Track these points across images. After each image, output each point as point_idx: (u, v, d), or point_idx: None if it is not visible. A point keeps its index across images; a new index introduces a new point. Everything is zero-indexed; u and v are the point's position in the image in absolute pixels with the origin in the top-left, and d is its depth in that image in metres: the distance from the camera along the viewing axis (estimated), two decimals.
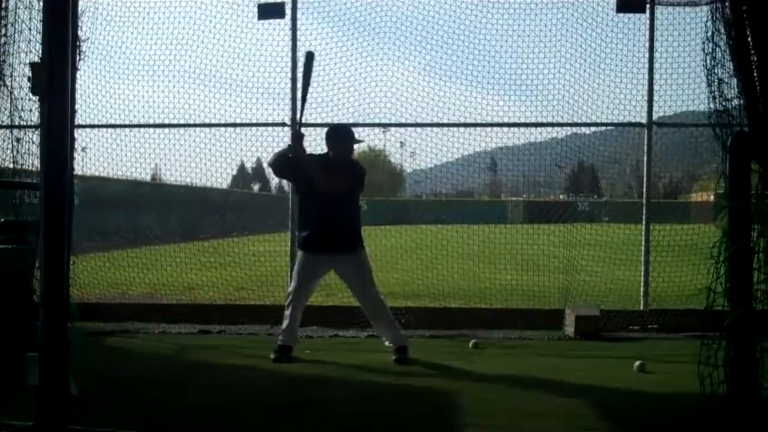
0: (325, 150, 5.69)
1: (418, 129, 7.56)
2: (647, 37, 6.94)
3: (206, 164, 7.76)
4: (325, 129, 5.83)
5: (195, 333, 6.77)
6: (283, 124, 7.24)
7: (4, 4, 4.96)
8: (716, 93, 3.46)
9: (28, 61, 5.35)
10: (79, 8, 6.29)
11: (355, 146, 5.81)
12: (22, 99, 5.04)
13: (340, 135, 5.67)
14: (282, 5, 7.11)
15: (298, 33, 7.21)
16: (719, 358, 2.86)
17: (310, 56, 5.57)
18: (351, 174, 5.57)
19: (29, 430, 2.83)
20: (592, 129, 7.85)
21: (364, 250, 5.62)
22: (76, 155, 6.74)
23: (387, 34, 7.43)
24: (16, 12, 5.04)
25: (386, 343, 5.60)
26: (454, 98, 7.48)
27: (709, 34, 3.47)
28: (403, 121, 7.50)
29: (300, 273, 5.62)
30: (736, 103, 3.40)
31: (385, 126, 7.87)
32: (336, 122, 6.08)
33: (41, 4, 3.17)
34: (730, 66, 3.37)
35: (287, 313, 5.59)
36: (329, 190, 5.40)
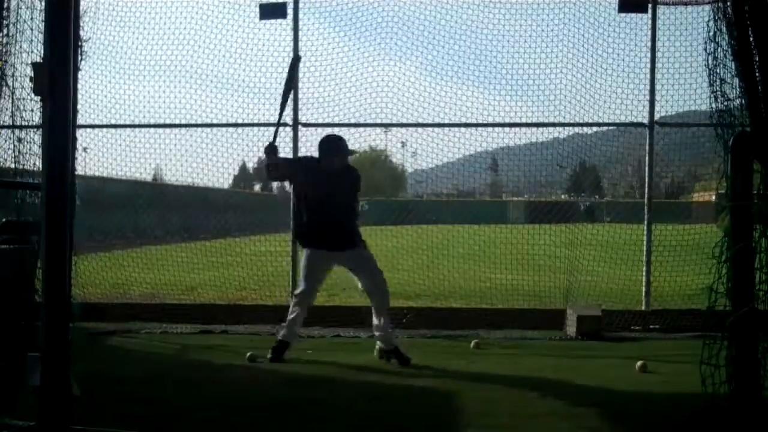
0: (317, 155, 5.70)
1: (420, 129, 7.58)
2: (649, 36, 6.94)
3: (207, 164, 7.78)
4: (321, 135, 5.85)
5: (197, 333, 6.78)
6: (285, 124, 7.23)
7: (5, 4, 4.96)
8: (718, 93, 3.45)
9: (29, 61, 5.35)
10: (81, 8, 6.32)
11: (349, 157, 5.79)
12: (23, 99, 5.04)
13: (332, 148, 5.65)
14: (284, 5, 7.11)
15: (300, 33, 7.22)
16: (721, 358, 2.85)
17: (296, 60, 5.60)
18: (343, 180, 5.58)
19: (31, 430, 2.83)
20: (594, 129, 7.85)
21: (363, 244, 5.63)
22: (77, 155, 6.78)
23: (388, 34, 7.45)
24: (17, 12, 5.04)
25: (378, 345, 5.62)
26: (455, 98, 7.48)
27: (711, 33, 3.46)
28: (404, 121, 7.51)
29: (307, 269, 5.64)
30: (738, 102, 3.39)
31: (387, 126, 7.87)
32: (330, 133, 5.81)
33: (43, 4, 3.17)
34: (732, 66, 3.37)
35: (292, 309, 5.64)
36: (320, 196, 5.45)
